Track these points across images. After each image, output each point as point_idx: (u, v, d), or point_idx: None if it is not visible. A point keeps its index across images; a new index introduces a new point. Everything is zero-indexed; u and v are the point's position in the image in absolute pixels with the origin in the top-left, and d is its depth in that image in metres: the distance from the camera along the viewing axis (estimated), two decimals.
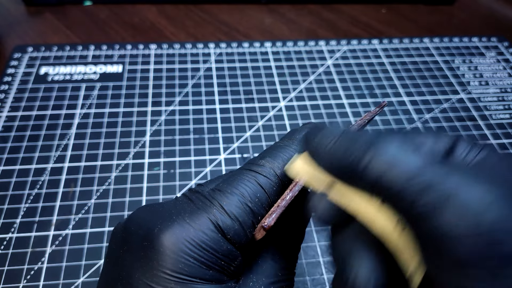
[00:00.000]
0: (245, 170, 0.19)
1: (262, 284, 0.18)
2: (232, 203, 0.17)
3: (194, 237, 0.16)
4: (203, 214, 0.17)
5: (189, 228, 0.16)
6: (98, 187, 0.35)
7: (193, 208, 0.17)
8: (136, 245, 0.16)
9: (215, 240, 0.16)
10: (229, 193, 0.17)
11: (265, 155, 0.20)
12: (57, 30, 0.52)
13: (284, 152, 0.19)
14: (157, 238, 0.16)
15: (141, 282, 0.15)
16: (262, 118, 0.42)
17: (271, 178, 0.18)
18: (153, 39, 0.52)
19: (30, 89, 0.43)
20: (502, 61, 0.51)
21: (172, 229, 0.16)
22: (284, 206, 0.18)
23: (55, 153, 0.37)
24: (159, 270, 0.15)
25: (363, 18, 0.59)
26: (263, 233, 0.17)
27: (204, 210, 0.17)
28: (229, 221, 0.17)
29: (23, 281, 0.29)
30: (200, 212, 0.17)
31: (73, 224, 0.32)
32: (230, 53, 0.49)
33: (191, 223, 0.16)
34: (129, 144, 0.38)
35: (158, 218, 0.17)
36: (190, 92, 0.44)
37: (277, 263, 0.19)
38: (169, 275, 0.15)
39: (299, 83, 0.46)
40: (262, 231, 0.17)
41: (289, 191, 0.18)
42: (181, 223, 0.16)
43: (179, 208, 0.17)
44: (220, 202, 0.17)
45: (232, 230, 0.17)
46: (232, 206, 0.17)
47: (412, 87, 0.47)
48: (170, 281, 0.15)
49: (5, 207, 0.33)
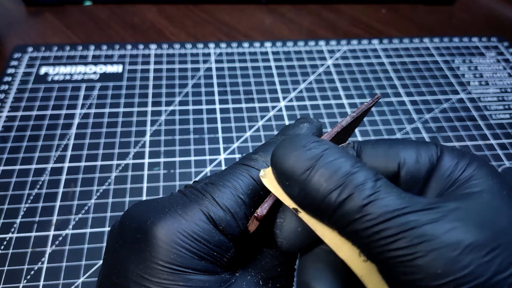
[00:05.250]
0: (238, 164, 0.19)
1: (260, 279, 0.18)
2: (224, 195, 0.17)
3: (186, 228, 0.16)
4: (195, 206, 0.17)
5: (181, 220, 0.16)
6: (98, 187, 0.35)
7: (185, 201, 0.17)
8: (130, 238, 0.17)
9: (207, 231, 0.16)
10: (221, 185, 0.18)
11: (258, 150, 0.20)
12: (57, 30, 0.52)
13: None
14: (150, 229, 0.16)
15: (135, 274, 0.16)
16: (262, 118, 0.42)
17: None
18: (153, 39, 0.52)
19: (30, 89, 0.43)
20: (502, 61, 0.51)
21: (165, 221, 0.16)
22: (276, 196, 0.18)
23: (55, 153, 0.37)
24: (152, 262, 0.16)
25: (363, 18, 0.59)
26: (256, 223, 0.17)
27: (196, 202, 0.17)
28: (221, 213, 0.17)
29: (23, 281, 0.29)
30: (192, 204, 0.17)
31: (73, 224, 0.32)
32: (230, 53, 0.49)
33: (183, 215, 0.16)
34: (129, 144, 0.38)
35: (151, 212, 0.17)
36: (190, 92, 0.44)
37: (276, 258, 0.19)
38: (162, 265, 0.16)
39: (299, 83, 0.46)
40: (255, 221, 0.17)
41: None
42: (173, 215, 0.16)
43: (172, 202, 0.17)
44: (212, 194, 0.17)
45: (224, 221, 0.17)
46: (224, 198, 0.17)
47: (412, 87, 0.47)
48: (163, 272, 0.15)
49: (5, 207, 0.33)
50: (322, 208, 0.14)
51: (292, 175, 0.15)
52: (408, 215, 0.13)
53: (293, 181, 0.15)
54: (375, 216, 0.13)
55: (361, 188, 0.14)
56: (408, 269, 0.12)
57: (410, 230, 0.13)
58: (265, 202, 0.18)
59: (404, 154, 0.16)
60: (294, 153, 0.15)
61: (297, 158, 0.15)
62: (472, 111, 0.44)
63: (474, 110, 0.44)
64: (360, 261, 0.14)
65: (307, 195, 0.14)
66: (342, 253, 0.15)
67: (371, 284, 0.14)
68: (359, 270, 0.15)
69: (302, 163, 0.15)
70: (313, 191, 0.14)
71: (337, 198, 0.14)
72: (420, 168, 0.16)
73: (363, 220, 0.13)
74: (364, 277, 0.15)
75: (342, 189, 0.14)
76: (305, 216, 0.16)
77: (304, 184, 0.15)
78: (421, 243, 0.12)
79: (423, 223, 0.13)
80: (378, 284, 0.14)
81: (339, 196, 0.14)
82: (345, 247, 0.15)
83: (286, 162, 0.15)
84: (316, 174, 0.14)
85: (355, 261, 0.15)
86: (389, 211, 0.13)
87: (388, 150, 0.16)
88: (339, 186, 0.14)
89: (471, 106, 0.45)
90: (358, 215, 0.13)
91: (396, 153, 0.16)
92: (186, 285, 0.16)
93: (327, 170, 0.14)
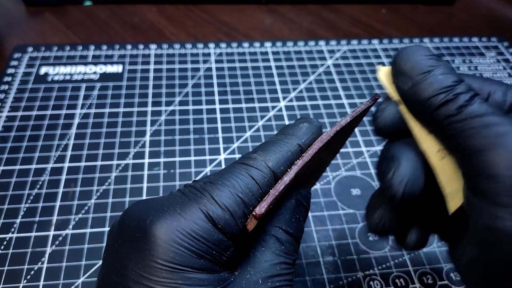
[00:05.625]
0: (237, 163, 0.19)
1: (260, 278, 0.18)
2: (223, 194, 0.17)
3: (185, 226, 0.16)
4: (193, 205, 0.17)
5: (180, 218, 0.16)
6: (98, 187, 0.35)
7: (184, 200, 0.17)
8: (129, 237, 0.17)
9: (206, 229, 0.16)
10: (220, 184, 0.18)
11: (257, 149, 0.20)
12: (57, 30, 0.52)
13: (277, 146, 0.20)
14: (149, 228, 0.16)
15: (134, 272, 0.16)
16: (262, 118, 0.42)
17: (263, 170, 0.18)
18: (153, 39, 0.52)
19: (30, 89, 0.43)
20: (502, 61, 0.51)
21: (164, 220, 0.16)
22: (274, 194, 0.18)
23: (55, 153, 0.37)
24: (151, 260, 0.16)
25: (363, 18, 0.59)
26: (254, 222, 0.17)
27: (195, 201, 0.17)
28: (219, 211, 0.17)
29: (23, 281, 0.29)
30: (191, 203, 0.17)
31: (73, 224, 0.32)
32: (230, 53, 0.49)
33: (182, 214, 0.17)
34: (129, 144, 0.38)
35: (150, 211, 0.17)
36: (190, 92, 0.44)
37: (276, 256, 0.19)
38: (161, 264, 0.16)
39: (299, 83, 0.46)
40: (253, 220, 0.17)
41: (281, 181, 0.18)
42: (173, 214, 0.17)
43: (171, 201, 0.17)
44: (211, 193, 0.17)
45: (222, 220, 0.17)
46: (223, 197, 0.17)
47: None
48: (162, 271, 0.16)
49: (5, 207, 0.33)
50: (425, 105, 0.17)
51: (410, 73, 0.18)
52: (493, 116, 0.16)
53: (408, 78, 0.18)
54: (468, 114, 0.16)
55: (464, 96, 0.17)
56: (484, 157, 0.15)
57: (492, 126, 0.16)
58: (263, 201, 0.18)
59: (495, 88, 0.19)
60: (417, 57, 0.18)
61: (418, 61, 0.18)
62: None
63: None
64: (438, 156, 0.18)
65: (417, 91, 0.18)
66: (424, 145, 0.18)
67: (443, 177, 0.18)
68: (435, 163, 0.18)
69: (422, 66, 0.18)
70: (424, 90, 0.17)
71: (444, 98, 0.17)
72: (506, 100, 0.18)
73: (458, 118, 0.16)
74: (438, 169, 0.18)
75: (449, 93, 0.17)
76: (404, 108, 0.19)
77: (418, 82, 0.18)
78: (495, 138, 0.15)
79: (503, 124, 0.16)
80: (448, 182, 0.18)
81: (446, 97, 0.17)
82: (428, 141, 0.18)
83: (408, 62, 0.18)
84: (431, 78, 0.18)
85: (434, 155, 0.18)
86: (480, 112, 0.16)
87: (484, 82, 0.19)
88: (447, 91, 0.17)
89: None
90: (456, 112, 0.17)
91: (490, 85, 0.19)
92: (185, 283, 0.16)
93: (441, 77, 0.17)
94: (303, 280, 0.30)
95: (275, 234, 0.19)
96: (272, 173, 0.19)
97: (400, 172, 0.18)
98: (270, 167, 0.19)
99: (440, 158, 0.18)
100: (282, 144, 0.20)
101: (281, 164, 0.19)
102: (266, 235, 0.19)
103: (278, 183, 0.18)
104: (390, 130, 0.20)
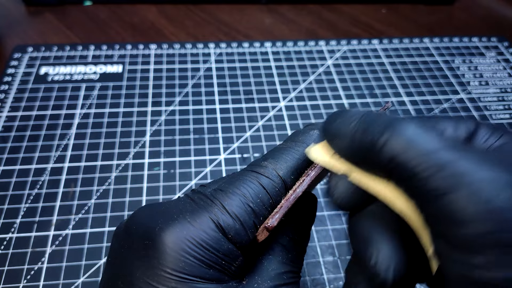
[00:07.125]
0: (247, 171, 0.19)
1: (267, 286, 0.17)
2: (233, 203, 0.17)
3: (195, 236, 0.16)
4: (204, 213, 0.17)
5: (190, 227, 0.16)
6: (98, 187, 0.35)
7: (194, 208, 0.17)
8: (137, 243, 0.16)
9: (216, 239, 0.16)
10: (230, 193, 0.17)
11: (267, 156, 0.20)
12: (57, 30, 0.52)
13: (287, 154, 0.19)
14: (159, 236, 0.16)
15: (142, 280, 0.16)
16: (262, 118, 0.42)
17: (274, 179, 0.18)
18: (153, 39, 0.52)
19: (30, 89, 0.43)
20: (502, 61, 0.51)
21: (174, 228, 0.16)
22: (287, 207, 0.17)
23: (55, 153, 0.37)
24: (160, 269, 0.15)
25: (363, 18, 0.59)
26: (266, 234, 0.17)
27: (205, 209, 0.17)
28: (230, 221, 0.17)
29: (23, 281, 0.29)
30: (201, 211, 0.17)
31: (73, 224, 0.32)
32: (230, 53, 0.49)
33: (192, 222, 0.16)
34: (129, 144, 0.38)
35: (159, 217, 0.17)
36: (190, 92, 0.44)
37: (282, 265, 0.18)
38: (170, 274, 0.15)
39: (299, 83, 0.46)
40: (265, 232, 0.17)
41: (293, 192, 0.18)
42: (183, 222, 0.16)
43: (181, 208, 0.17)
44: (222, 202, 0.17)
45: (233, 230, 0.17)
46: (234, 206, 0.17)
47: (412, 87, 0.47)
48: (171, 280, 0.15)
49: (5, 207, 0.33)
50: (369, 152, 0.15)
51: (339, 131, 0.16)
52: (445, 152, 0.13)
53: (342, 134, 0.16)
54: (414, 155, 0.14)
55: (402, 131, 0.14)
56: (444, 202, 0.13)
57: (446, 166, 0.13)
58: (275, 213, 0.17)
59: (444, 124, 0.17)
60: (340, 117, 0.17)
61: (344, 118, 0.17)
62: (472, 111, 0.44)
63: (474, 110, 0.44)
64: (416, 213, 0.15)
65: (355, 140, 0.16)
66: (397, 206, 0.15)
67: (424, 239, 0.15)
68: (417, 224, 0.15)
69: (347, 120, 0.16)
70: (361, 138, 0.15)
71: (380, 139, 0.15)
72: (458, 135, 0.17)
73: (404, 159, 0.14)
74: (421, 231, 0.15)
75: (383, 132, 0.15)
76: (356, 177, 0.17)
77: (352, 134, 0.16)
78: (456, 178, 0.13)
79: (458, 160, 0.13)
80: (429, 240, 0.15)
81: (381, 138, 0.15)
82: (399, 200, 0.15)
83: (334, 123, 0.17)
84: (361, 124, 0.16)
85: (413, 213, 0.15)
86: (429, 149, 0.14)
87: (429, 121, 0.18)
88: (382, 131, 0.15)
89: (471, 106, 0.45)
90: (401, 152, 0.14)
91: (437, 122, 0.17)
92: None
93: (370, 119, 0.16)
94: (303, 280, 0.30)
95: (282, 242, 0.19)
96: (283, 182, 0.19)
97: (384, 258, 0.16)
98: (281, 176, 0.19)
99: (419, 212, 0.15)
100: (292, 152, 0.20)
101: (292, 173, 0.19)
102: (273, 243, 0.19)
103: (291, 194, 0.18)
104: (352, 203, 0.18)
